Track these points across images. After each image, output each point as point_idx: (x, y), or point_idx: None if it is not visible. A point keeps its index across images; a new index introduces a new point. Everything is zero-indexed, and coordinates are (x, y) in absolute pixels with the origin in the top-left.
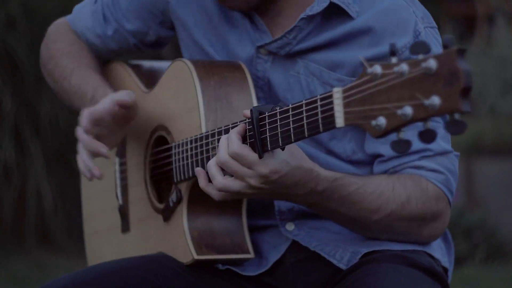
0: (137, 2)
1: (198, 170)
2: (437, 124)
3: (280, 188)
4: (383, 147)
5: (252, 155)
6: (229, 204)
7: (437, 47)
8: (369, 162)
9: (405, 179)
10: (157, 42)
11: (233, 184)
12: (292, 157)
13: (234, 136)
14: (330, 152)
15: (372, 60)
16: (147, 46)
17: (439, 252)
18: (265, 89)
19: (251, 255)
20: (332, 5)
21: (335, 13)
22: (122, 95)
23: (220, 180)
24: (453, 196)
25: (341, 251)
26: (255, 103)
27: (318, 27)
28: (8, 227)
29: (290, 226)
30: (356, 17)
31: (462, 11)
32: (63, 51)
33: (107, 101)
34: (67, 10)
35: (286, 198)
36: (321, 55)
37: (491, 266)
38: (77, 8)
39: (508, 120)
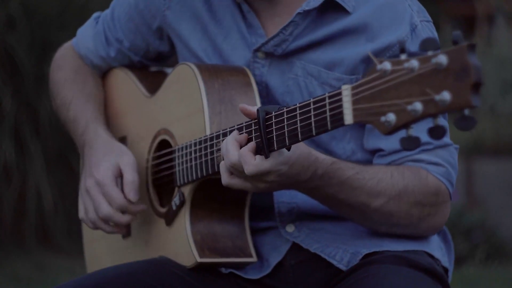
0: (136, 20)
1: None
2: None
3: (289, 177)
4: (384, 142)
5: (248, 164)
6: (232, 207)
7: None
8: (367, 162)
9: (404, 169)
10: (159, 57)
11: (237, 182)
12: (294, 146)
13: (230, 147)
14: (330, 153)
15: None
16: (151, 61)
17: (439, 252)
18: (263, 93)
19: (254, 258)
20: (328, 1)
21: (331, 8)
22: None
23: (225, 178)
24: (453, 188)
25: (341, 252)
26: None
27: (314, 22)
28: (8, 227)
29: (290, 228)
30: (352, 12)
31: (462, 11)
32: (66, 79)
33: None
34: (67, 10)
35: (291, 187)
36: (318, 54)
37: (491, 266)
38: (80, 31)
39: (508, 120)
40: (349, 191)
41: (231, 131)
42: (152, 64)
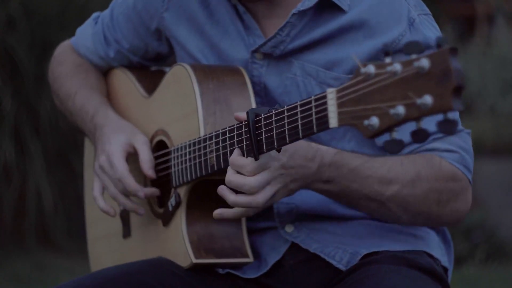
0: (134, 21)
1: (221, 188)
2: None
3: (296, 171)
4: None
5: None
6: (228, 208)
7: (433, 33)
8: None
9: (415, 156)
10: (158, 57)
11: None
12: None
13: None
14: None
15: (371, 55)
16: (149, 61)
17: (439, 252)
18: (261, 94)
19: (250, 259)
20: (323, 0)
21: (327, 8)
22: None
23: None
24: (471, 173)
25: (340, 252)
26: (254, 107)
27: (310, 22)
28: (8, 227)
29: (289, 228)
30: (348, 11)
31: (462, 11)
32: (68, 72)
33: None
34: (67, 10)
35: (305, 183)
36: (316, 54)
37: (491, 266)
38: (79, 30)
39: (508, 120)
40: (361, 180)
41: (223, 133)
42: (151, 64)
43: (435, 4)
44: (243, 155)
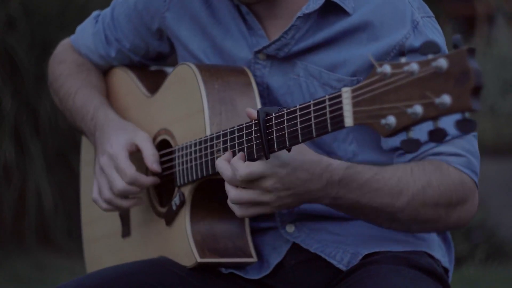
0: (135, 21)
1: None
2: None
3: (298, 185)
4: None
5: (239, 168)
6: None
7: (437, 36)
8: (369, 164)
9: (424, 164)
10: (159, 57)
11: (246, 193)
12: (297, 152)
13: (222, 165)
14: (331, 154)
15: (375, 57)
16: (150, 60)
17: (440, 252)
18: (264, 94)
19: (254, 259)
20: (328, 3)
21: (331, 10)
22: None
23: (233, 192)
24: (477, 177)
25: (341, 252)
26: (259, 107)
27: (315, 25)
28: (8, 227)
29: (290, 228)
30: (352, 13)
31: (462, 11)
32: (70, 71)
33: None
34: (67, 10)
35: (310, 198)
36: (320, 56)
37: (491, 266)
38: (79, 28)
39: (508, 120)
40: (370, 193)
41: (231, 132)
42: (152, 63)
43: (435, 4)
44: (253, 155)
